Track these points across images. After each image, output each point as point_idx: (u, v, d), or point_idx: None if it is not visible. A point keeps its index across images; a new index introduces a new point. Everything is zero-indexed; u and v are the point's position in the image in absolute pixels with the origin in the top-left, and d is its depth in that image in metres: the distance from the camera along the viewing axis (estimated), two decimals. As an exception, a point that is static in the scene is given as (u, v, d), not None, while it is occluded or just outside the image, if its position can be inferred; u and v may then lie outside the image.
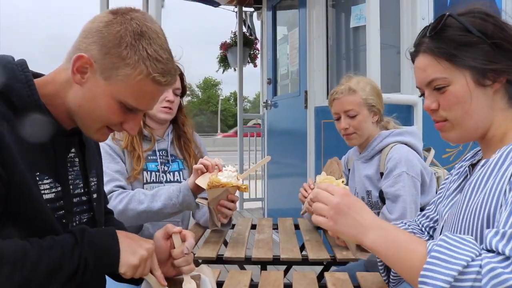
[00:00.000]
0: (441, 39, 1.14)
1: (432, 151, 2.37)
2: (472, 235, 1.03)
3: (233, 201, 1.99)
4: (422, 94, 1.23)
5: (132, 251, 1.15)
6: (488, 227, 1.01)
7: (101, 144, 2.13)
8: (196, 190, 1.97)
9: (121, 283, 1.35)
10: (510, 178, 1.01)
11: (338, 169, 2.09)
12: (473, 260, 0.88)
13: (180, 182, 2.25)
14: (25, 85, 1.12)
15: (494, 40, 1.10)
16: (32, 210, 1.09)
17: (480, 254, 0.89)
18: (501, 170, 1.05)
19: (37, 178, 1.11)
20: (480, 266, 0.86)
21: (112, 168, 2.09)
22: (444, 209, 1.27)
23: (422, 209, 2.07)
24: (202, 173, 1.94)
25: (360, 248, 1.27)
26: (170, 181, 2.23)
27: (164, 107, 2.23)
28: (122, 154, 2.16)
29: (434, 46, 1.15)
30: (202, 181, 1.89)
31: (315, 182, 2.19)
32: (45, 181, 1.14)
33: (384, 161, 2.07)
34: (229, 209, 1.98)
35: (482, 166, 1.13)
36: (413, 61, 1.24)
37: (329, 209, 1.09)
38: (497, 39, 1.10)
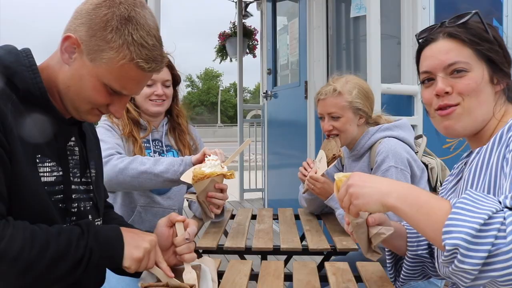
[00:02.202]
0: (465, 28, 1.20)
1: (424, 139, 2.26)
2: None
3: (222, 190, 1.97)
4: (424, 81, 1.25)
5: (135, 244, 1.16)
6: None
7: (101, 123, 2.15)
8: None
9: (121, 276, 1.35)
10: (499, 162, 1.07)
11: (335, 145, 2.07)
12: (497, 211, 0.89)
13: None
14: (28, 69, 1.14)
15: (503, 47, 1.20)
16: (28, 191, 1.09)
17: (502, 209, 0.91)
18: (491, 160, 1.10)
19: (37, 160, 1.13)
20: (504, 218, 0.87)
21: (112, 140, 2.11)
22: None
23: None
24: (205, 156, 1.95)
25: (371, 249, 1.28)
26: None
27: (154, 100, 2.23)
28: (120, 136, 2.18)
29: (461, 31, 1.19)
30: (187, 177, 1.89)
31: (314, 160, 2.20)
32: (46, 164, 1.15)
33: (374, 157, 2.03)
34: (219, 199, 1.96)
35: (474, 158, 1.18)
36: (421, 49, 1.27)
37: (348, 192, 1.12)
38: (504, 46, 1.20)
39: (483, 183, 1.11)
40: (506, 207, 0.91)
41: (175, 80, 2.31)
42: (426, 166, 2.15)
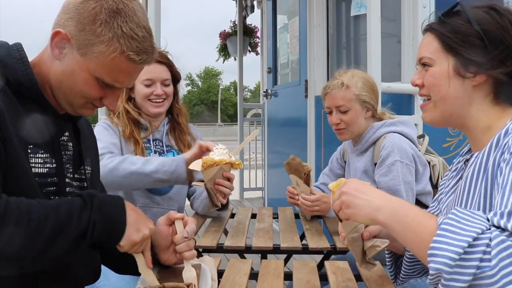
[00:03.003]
0: (444, 23, 1.19)
1: (427, 138, 2.31)
2: None
3: (229, 179, 1.97)
4: None
5: (137, 227, 1.15)
6: None
7: (100, 122, 2.14)
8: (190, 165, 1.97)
9: (121, 275, 1.35)
10: (494, 168, 1.04)
11: (299, 164, 2.08)
12: (483, 232, 0.87)
13: None
14: (19, 61, 1.14)
15: (490, 38, 1.12)
16: (17, 181, 1.08)
17: (489, 228, 0.89)
18: (488, 164, 1.08)
19: (29, 151, 1.12)
20: (490, 239, 0.86)
21: (108, 139, 2.10)
22: (443, 205, 1.28)
23: (415, 199, 2.07)
24: (206, 150, 1.95)
25: (365, 260, 1.28)
26: None
27: (154, 101, 2.20)
28: (119, 137, 2.16)
29: (435, 26, 1.20)
30: (196, 165, 1.90)
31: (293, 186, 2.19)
32: (39, 155, 1.14)
33: (378, 151, 2.05)
34: (227, 187, 1.97)
35: (473, 162, 1.16)
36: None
37: (342, 199, 1.13)
38: (494, 38, 1.12)
39: (480, 190, 1.09)
40: (494, 225, 0.89)
41: (175, 77, 2.28)
42: (428, 163, 2.17)
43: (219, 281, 1.40)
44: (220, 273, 1.48)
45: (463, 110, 1.18)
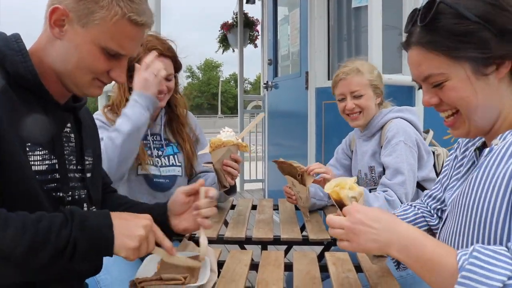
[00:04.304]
0: (434, 30, 1.04)
1: (431, 132, 2.40)
2: (481, 230, 0.99)
3: (236, 161, 1.99)
4: (420, 87, 1.14)
5: (127, 234, 1.09)
6: (497, 221, 0.96)
7: (95, 118, 2.11)
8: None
9: (123, 267, 1.35)
10: None
11: (290, 166, 2.06)
12: (509, 278, 0.83)
13: (176, 165, 2.24)
14: (18, 53, 1.12)
15: (495, 24, 1.00)
16: (17, 181, 1.07)
17: None
18: (508, 163, 0.97)
19: (27, 149, 1.11)
20: None
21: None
22: (450, 196, 1.22)
23: (419, 185, 2.08)
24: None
25: (377, 255, 1.26)
26: (166, 165, 2.21)
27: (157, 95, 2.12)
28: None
29: (426, 39, 1.05)
30: (205, 149, 1.96)
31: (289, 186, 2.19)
32: (37, 152, 1.13)
33: (385, 135, 2.10)
34: (234, 168, 1.98)
35: (487, 154, 1.04)
36: (406, 50, 1.14)
37: (347, 233, 1.05)
38: (498, 23, 1.00)
39: (492, 193, 0.98)
40: None
41: (177, 67, 2.23)
42: (433, 153, 2.25)
43: (219, 272, 1.41)
44: (220, 264, 1.48)
45: (497, 109, 1.06)
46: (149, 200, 2.14)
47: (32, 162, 1.12)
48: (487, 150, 1.05)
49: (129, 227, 1.11)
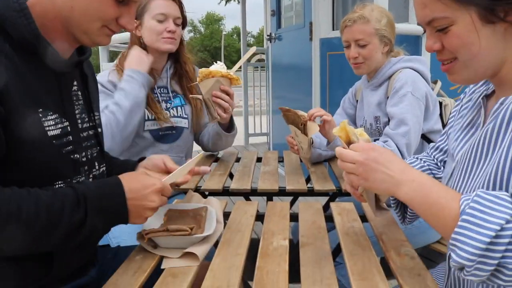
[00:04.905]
0: None
1: (439, 83, 2.37)
2: (496, 183, 0.96)
3: (227, 93, 2.00)
4: (425, 31, 1.11)
5: (138, 215, 1.15)
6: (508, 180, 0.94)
7: (102, 78, 2.09)
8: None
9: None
10: None
11: (295, 114, 2.07)
12: (507, 222, 0.83)
13: (183, 117, 2.24)
14: (20, 14, 1.06)
15: None
16: (36, 149, 1.06)
17: None
18: None
19: (40, 115, 1.08)
20: None
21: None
22: (456, 147, 1.19)
23: (424, 136, 2.07)
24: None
25: (379, 207, 1.25)
26: (174, 116, 2.21)
27: (167, 37, 2.12)
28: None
29: None
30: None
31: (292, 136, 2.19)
32: (49, 117, 1.10)
33: (393, 85, 2.06)
34: (225, 101, 1.99)
35: (502, 104, 1.01)
36: None
37: (357, 167, 1.05)
38: None
39: (503, 145, 0.96)
40: None
41: (184, 20, 2.22)
42: (440, 103, 2.22)
43: (225, 223, 1.42)
44: (226, 215, 1.49)
45: (499, 58, 1.02)
46: (155, 152, 2.16)
47: (47, 128, 1.09)
48: (502, 99, 1.02)
49: (138, 210, 1.14)
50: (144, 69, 2.02)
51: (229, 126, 2.25)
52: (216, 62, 2.00)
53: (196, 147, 2.43)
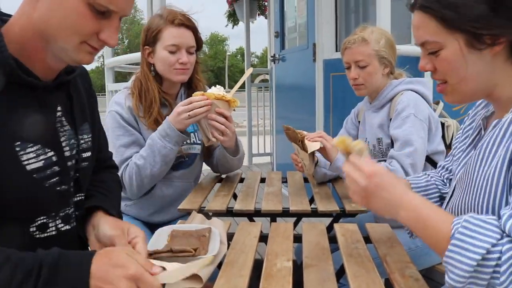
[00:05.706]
0: None
1: (441, 104, 2.38)
2: (485, 202, 1.03)
3: (224, 116, 1.98)
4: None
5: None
6: (502, 194, 1.00)
7: (113, 115, 2.02)
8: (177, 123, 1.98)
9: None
10: None
11: (294, 132, 2.08)
12: (493, 246, 0.88)
13: (197, 143, 2.25)
14: None
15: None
16: (12, 185, 1.01)
17: (502, 238, 0.89)
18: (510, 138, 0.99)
19: (18, 149, 1.02)
20: (501, 252, 0.87)
21: (120, 142, 2.05)
22: (457, 166, 1.24)
23: (428, 158, 2.07)
24: None
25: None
26: (187, 143, 2.22)
27: (179, 68, 2.09)
28: (138, 129, 2.11)
29: (428, 4, 1.07)
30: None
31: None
32: (29, 150, 1.05)
33: (395, 107, 2.07)
34: (221, 123, 1.97)
35: (494, 127, 1.06)
36: (411, 11, 1.16)
37: (360, 191, 1.12)
38: None
39: (491, 165, 1.01)
40: (506, 233, 0.89)
41: (198, 45, 2.16)
42: (443, 124, 2.23)
43: (229, 244, 1.42)
44: (229, 236, 1.49)
45: (487, 82, 1.07)
46: (167, 177, 2.16)
47: (26, 162, 1.04)
48: (495, 121, 1.07)
49: (106, 283, 0.93)
50: (179, 127, 1.96)
51: (234, 150, 2.24)
52: (215, 86, 2.01)
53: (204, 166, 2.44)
